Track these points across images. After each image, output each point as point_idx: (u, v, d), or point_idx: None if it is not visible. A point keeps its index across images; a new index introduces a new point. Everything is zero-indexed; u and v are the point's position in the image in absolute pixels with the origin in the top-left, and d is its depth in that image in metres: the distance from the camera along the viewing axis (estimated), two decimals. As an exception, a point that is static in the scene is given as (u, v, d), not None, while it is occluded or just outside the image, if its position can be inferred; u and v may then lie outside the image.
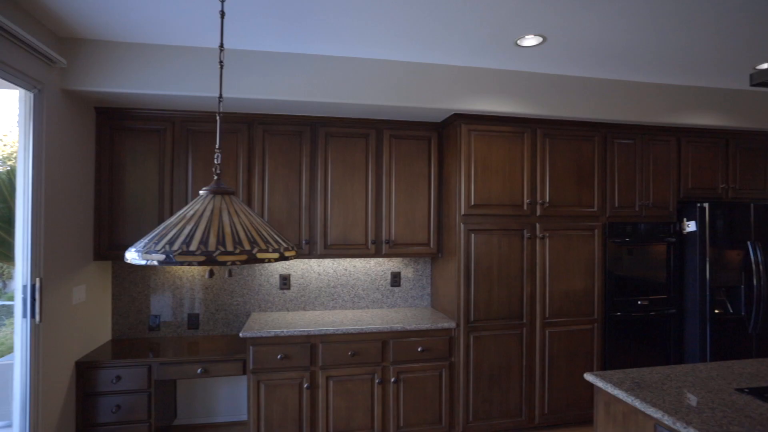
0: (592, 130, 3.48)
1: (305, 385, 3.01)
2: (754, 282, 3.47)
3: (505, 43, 2.79)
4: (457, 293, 3.24)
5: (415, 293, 3.79)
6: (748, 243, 3.49)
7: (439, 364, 3.21)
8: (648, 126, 3.59)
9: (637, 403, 1.76)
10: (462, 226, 3.22)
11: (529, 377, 3.34)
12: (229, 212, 1.25)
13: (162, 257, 1.10)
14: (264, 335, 2.96)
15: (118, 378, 2.84)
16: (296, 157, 3.34)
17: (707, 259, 3.44)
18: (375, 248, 3.42)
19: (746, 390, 1.86)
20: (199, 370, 2.91)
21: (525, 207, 3.32)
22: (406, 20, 2.51)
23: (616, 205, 3.50)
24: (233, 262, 1.13)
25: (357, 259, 3.71)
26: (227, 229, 1.19)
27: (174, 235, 1.16)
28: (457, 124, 3.25)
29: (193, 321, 3.45)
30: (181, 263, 1.09)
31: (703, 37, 2.70)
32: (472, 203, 3.23)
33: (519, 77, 3.26)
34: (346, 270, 3.70)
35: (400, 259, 3.77)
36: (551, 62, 3.10)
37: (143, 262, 1.11)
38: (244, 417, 3.54)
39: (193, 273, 3.47)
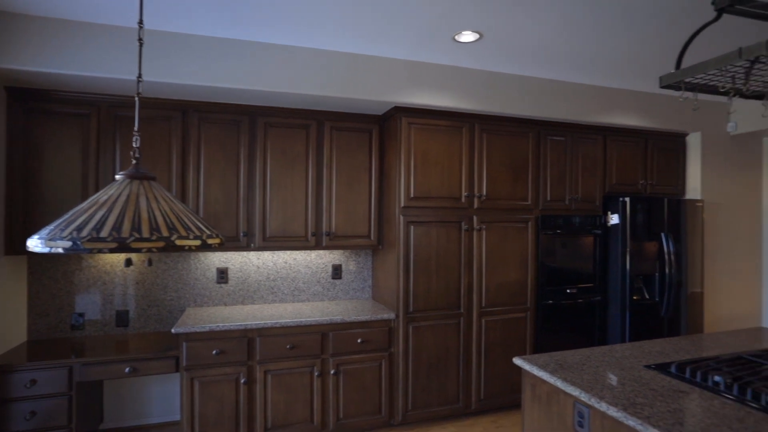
0: (527, 127, 3.63)
1: (242, 381, 2.94)
2: (666, 270, 3.78)
3: (443, 38, 2.85)
4: (397, 284, 3.28)
5: (357, 285, 3.80)
6: (662, 234, 3.80)
7: (378, 354, 3.24)
8: (578, 124, 3.80)
9: (559, 383, 1.87)
10: (402, 218, 3.26)
11: (466, 365, 3.45)
12: (147, 198, 1.19)
13: (68, 244, 1.02)
14: (198, 330, 2.85)
15: (33, 382, 2.63)
16: (234, 147, 3.24)
17: (628, 249, 3.70)
18: (315, 240, 3.39)
19: (653, 366, 2.02)
20: (127, 370, 2.76)
21: (463, 200, 3.42)
22: (348, 10, 2.49)
23: (548, 198, 3.68)
24: (149, 249, 1.08)
25: (298, 252, 3.66)
26: (144, 215, 1.13)
27: (83, 221, 1.09)
28: (398, 117, 3.28)
29: (123, 318, 3.27)
30: (90, 250, 1.02)
31: (625, 43, 2.89)
32: (412, 196, 3.28)
33: (458, 73, 3.34)
34: (286, 263, 3.64)
35: (342, 251, 3.76)
36: (488, 59, 3.20)
37: (46, 250, 1.03)
38: (177, 417, 3.40)
39: (122, 268, 3.28)
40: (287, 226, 3.34)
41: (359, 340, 3.18)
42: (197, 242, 1.17)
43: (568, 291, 3.73)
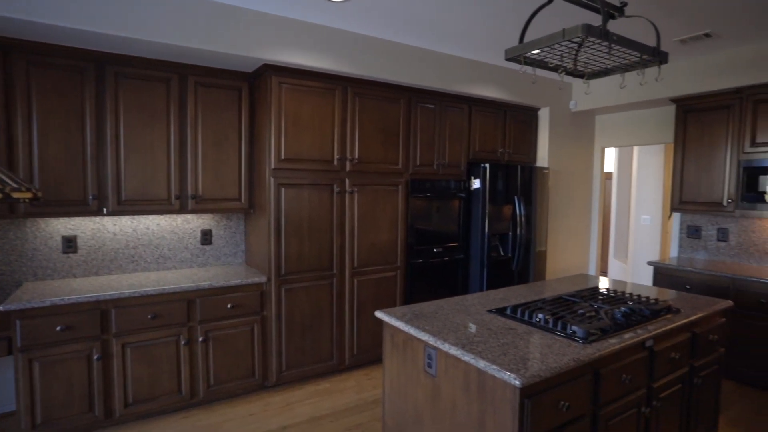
0: (399, 93, 3.74)
1: (95, 357, 2.70)
2: (518, 231, 4.28)
3: (313, -6, 2.77)
4: (268, 248, 3.24)
5: (229, 251, 3.67)
6: (515, 198, 4.26)
7: (250, 319, 3.20)
8: (447, 94, 4.02)
9: (412, 331, 2.04)
10: (273, 180, 3.19)
11: (339, 323, 3.57)
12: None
13: None
14: (36, 306, 2.52)
15: None
16: (77, 98, 2.84)
17: (487, 212, 4.09)
18: (180, 204, 3.17)
19: (493, 310, 2.30)
20: (-60, 355, 2.36)
21: (335, 163, 3.45)
22: (201, -50, 2.28)
23: (418, 163, 3.88)
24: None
25: (162, 217, 3.39)
26: None
27: None
28: (268, 76, 3.15)
29: (-67, 297, 2.76)
30: None
31: (485, 17, 3.09)
32: (283, 157, 3.21)
33: (331, 34, 3.29)
34: (148, 229, 3.36)
35: (211, 215, 3.58)
36: (361, 22, 3.20)
37: None
38: (12, 407, 3.01)
39: (-72, 237, 2.73)
40: (147, 188, 3.07)
41: (229, 306, 3.10)
42: (-4, 196, 1.02)
43: (435, 250, 4.02)
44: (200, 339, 3.00)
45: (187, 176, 3.19)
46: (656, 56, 2.20)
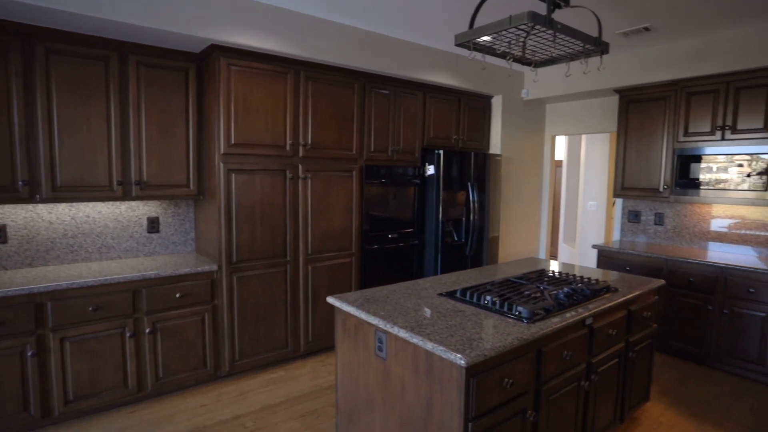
0: (353, 78, 3.70)
1: (29, 353, 2.55)
2: (471, 216, 4.37)
3: (262, -28, 2.67)
4: (219, 235, 3.15)
5: (178, 239, 3.54)
6: (469, 184, 4.34)
7: (201, 308, 3.11)
8: (401, 80, 4.01)
9: (362, 315, 2.05)
10: (222, 165, 3.10)
11: (294, 311, 3.54)
12: None
13: None
14: (-40, 300, 2.35)
15: None
16: (1, 75, 2.62)
17: (440, 198, 4.15)
18: (123, 190, 3.02)
19: (444, 293, 2.35)
20: None
21: (288, 148, 3.38)
22: None
23: (372, 149, 3.87)
24: None
25: (104, 204, 3.22)
26: None
27: None
28: (216, 58, 3.03)
29: None
30: None
31: (437, 3, 3.09)
32: (233, 142, 3.12)
33: (284, 15, 3.19)
34: (89, 217, 3.18)
35: (158, 202, 3.43)
36: (315, 3, 3.12)
37: None
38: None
39: None
40: (85, 174, 2.90)
41: (178, 295, 3.00)
42: None
43: (390, 236, 4.05)
44: (147, 330, 2.89)
45: (130, 161, 3.03)
46: (598, 46, 2.28)
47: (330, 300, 2.29)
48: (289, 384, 3.26)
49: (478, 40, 2.18)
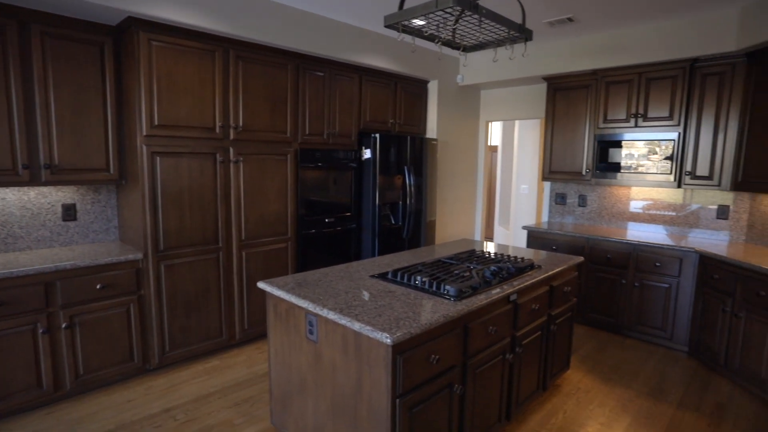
0: (287, 58, 3.60)
1: (-77, 354, 2.30)
2: (408, 200, 4.44)
3: (182, -59, 2.51)
4: (144, 222, 2.98)
5: (99, 227, 3.31)
6: (405, 168, 4.40)
7: (125, 299, 2.95)
8: (337, 62, 3.95)
9: (293, 299, 2.03)
10: (145, 148, 2.92)
11: (228, 298, 3.45)
12: None
13: None
14: None
15: None
16: None
17: (377, 181, 4.17)
18: (30, 175, 2.77)
19: (376, 275, 2.38)
20: None
21: (218, 130, 3.24)
22: None
23: (307, 132, 3.80)
24: None
25: (8, 190, 2.94)
26: None
27: None
28: (135, 32, 2.82)
29: None
30: None
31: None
32: (156, 123, 2.94)
33: (207, -12, 3.03)
34: (-9, 204, 2.89)
35: (75, 188, 3.18)
36: (240, -22, 2.99)
37: None
38: None
39: None
40: (-16, 156, 2.62)
41: (99, 286, 2.81)
42: None
43: (327, 220, 4.02)
44: (63, 325, 2.70)
45: (37, 143, 2.78)
46: (522, 33, 2.36)
47: (261, 285, 2.24)
48: (224, 373, 3.18)
49: (407, 22, 2.19)
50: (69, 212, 3.17)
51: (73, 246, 3.17)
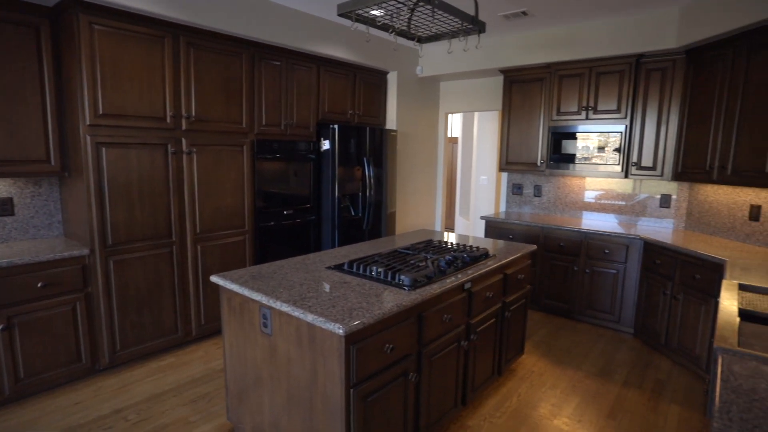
0: (241, 47, 3.50)
1: None
2: (368, 191, 4.44)
3: None
4: (90, 216, 2.84)
5: (40, 222, 3.14)
6: (365, 159, 4.39)
7: (71, 297, 2.81)
8: (293, 51, 3.88)
9: (246, 292, 2.00)
10: (89, 138, 2.77)
11: (183, 293, 3.35)
12: None
13: None
14: None
15: None
16: None
17: (336, 173, 4.15)
18: (-41, 167, 2.58)
19: (332, 266, 2.38)
20: None
21: (169, 120, 3.13)
22: None
23: (264, 123, 3.72)
24: None
25: (-64, 184, 2.74)
26: None
27: None
28: (74, 14, 2.67)
29: None
30: None
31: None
32: (101, 113, 2.80)
33: (154, -29, 2.89)
34: None
35: (11, 180, 2.99)
36: (189, -39, 2.87)
37: None
38: None
39: None
40: None
41: (41, 284, 2.67)
42: None
43: (286, 212, 3.97)
44: (0, 327, 2.55)
45: (-33, 132, 2.59)
46: (475, 25, 2.39)
47: (214, 279, 2.19)
48: (180, 370, 3.10)
49: (361, 11, 2.17)
50: (5, 207, 2.98)
51: (11, 243, 2.99)
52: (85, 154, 2.78)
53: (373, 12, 2.25)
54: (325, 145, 4.13)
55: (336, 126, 4.08)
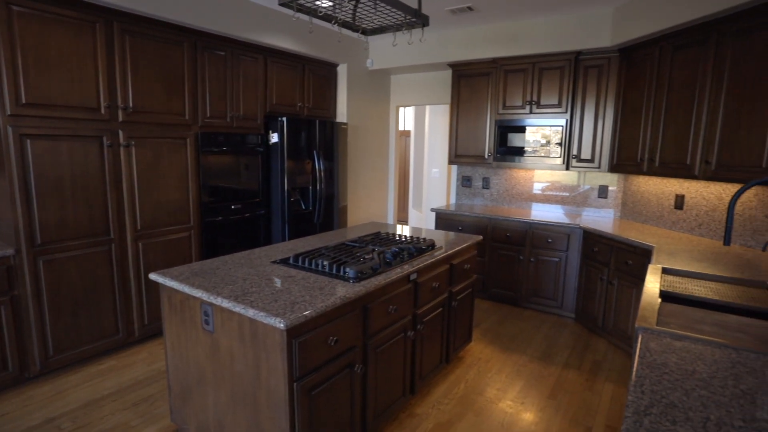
0: (182, 35, 3.36)
1: None
2: (318, 185, 4.40)
3: None
4: (15, 214, 2.66)
5: (-42, 221, 2.90)
6: (315, 152, 4.35)
7: (-5, 301, 2.63)
8: (239, 41, 3.77)
9: (186, 289, 1.94)
10: (11, 129, 2.58)
11: (124, 293, 3.21)
12: None
13: None
14: None
15: None
16: None
17: (285, 166, 4.08)
18: None
19: (277, 261, 2.35)
20: None
21: (103, 111, 2.96)
22: None
23: (209, 115, 3.60)
24: None
25: None
26: None
27: None
28: (-9, -5, 2.47)
29: None
30: None
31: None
32: (24, 102, 2.61)
33: (82, -48, 2.72)
34: None
35: (-77, 176, 2.74)
36: (121, -57, 2.72)
37: None
38: None
39: None
40: None
41: (-41, 288, 2.48)
42: None
43: (233, 207, 3.87)
44: None
45: None
46: (418, 18, 2.41)
47: (152, 276, 2.11)
48: (121, 373, 2.98)
49: (303, 1, 2.14)
50: None
51: (-74, 243, 2.75)
52: (7, 147, 2.59)
53: (317, 2, 2.22)
54: (274, 138, 4.06)
55: (284, 118, 4.01)
